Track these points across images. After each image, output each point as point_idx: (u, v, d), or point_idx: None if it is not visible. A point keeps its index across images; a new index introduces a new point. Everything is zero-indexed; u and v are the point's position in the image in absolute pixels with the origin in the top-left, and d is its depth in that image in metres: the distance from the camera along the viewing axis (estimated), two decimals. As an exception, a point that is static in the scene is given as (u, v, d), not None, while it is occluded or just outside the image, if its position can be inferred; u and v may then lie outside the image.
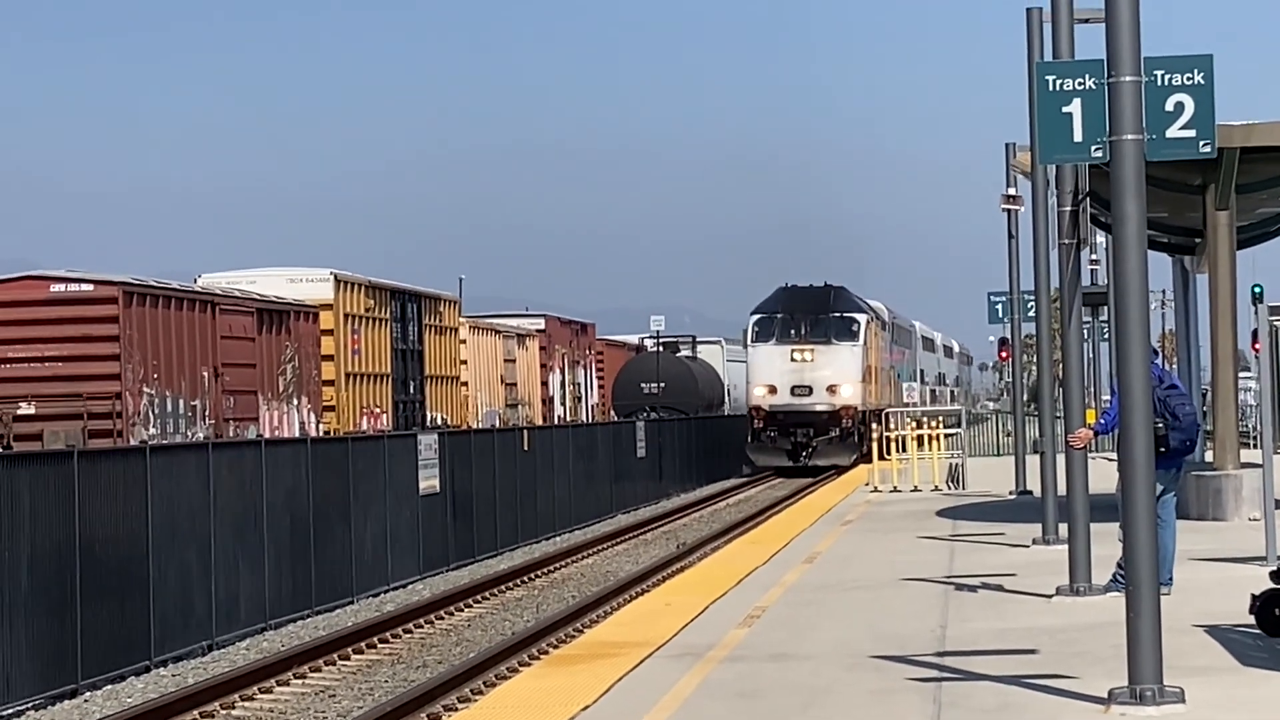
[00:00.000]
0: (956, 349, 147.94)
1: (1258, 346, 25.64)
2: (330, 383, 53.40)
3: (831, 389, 69.43)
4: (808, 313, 71.10)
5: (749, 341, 71.91)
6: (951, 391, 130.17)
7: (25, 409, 42.06)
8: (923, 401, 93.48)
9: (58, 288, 43.11)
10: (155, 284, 45.14)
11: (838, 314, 71.42)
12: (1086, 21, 21.53)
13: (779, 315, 71.19)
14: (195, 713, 20.96)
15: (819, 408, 69.20)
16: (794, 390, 69.41)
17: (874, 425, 70.73)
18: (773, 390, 69.61)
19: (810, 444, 69.04)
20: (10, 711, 21.20)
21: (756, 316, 71.74)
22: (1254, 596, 17.02)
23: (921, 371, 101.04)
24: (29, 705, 21.66)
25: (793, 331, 70.54)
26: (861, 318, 72.26)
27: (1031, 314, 41.71)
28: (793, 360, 69.87)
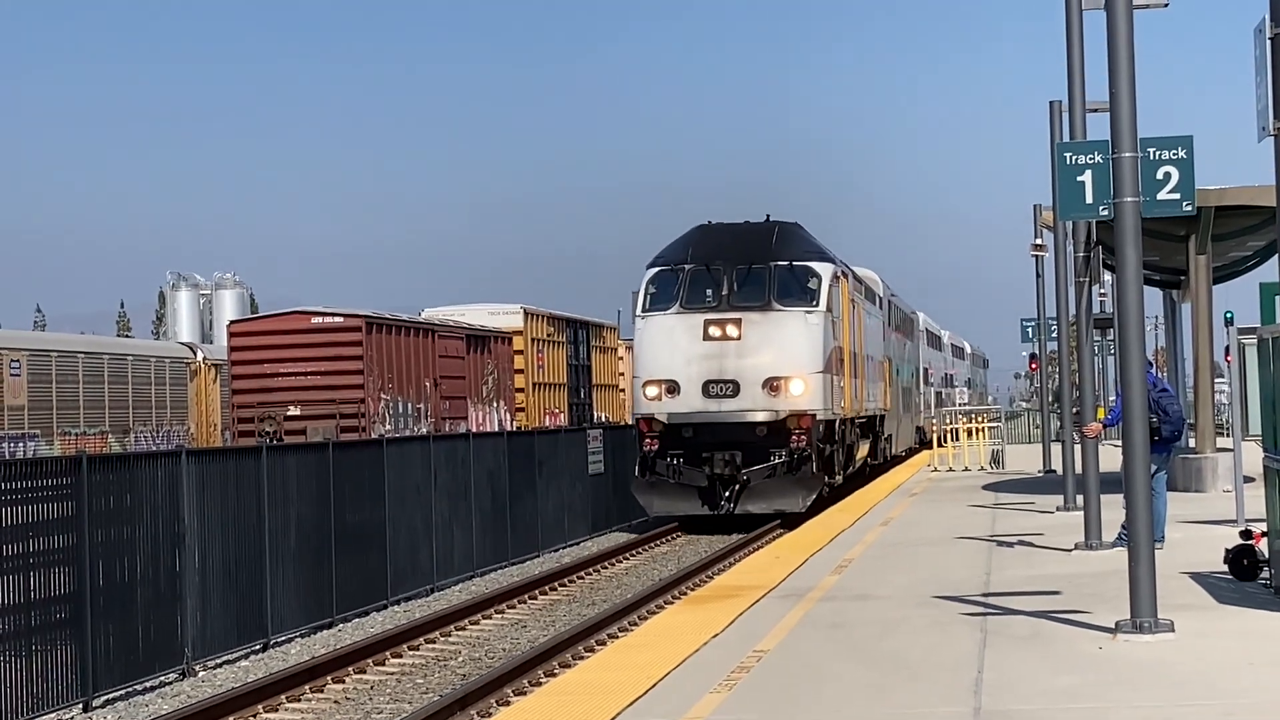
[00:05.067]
0: (968, 349, 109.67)
1: (1229, 359, 25.25)
2: (521, 390, 53.67)
3: (772, 386, 33.46)
4: (733, 262, 34.26)
5: (638, 310, 34.92)
6: (962, 394, 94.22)
7: (293, 411, 42.56)
8: (927, 406, 66.61)
9: (317, 320, 43.61)
10: (389, 316, 45.55)
11: (784, 263, 34.41)
12: (1095, 111, 21.37)
13: (687, 267, 34.43)
14: (422, 639, 21.08)
15: (752, 417, 33.54)
16: (709, 389, 33.71)
17: (858, 441, 39.64)
18: (672, 390, 33.83)
19: (738, 477, 33.69)
20: (284, 638, 21.42)
21: (654, 271, 34.95)
22: (1227, 550, 16.84)
23: (925, 371, 67.14)
24: (297, 634, 21.87)
25: (708, 292, 34.13)
26: (824, 270, 34.92)
27: (1054, 335, 41.48)
28: (707, 338, 33.76)
